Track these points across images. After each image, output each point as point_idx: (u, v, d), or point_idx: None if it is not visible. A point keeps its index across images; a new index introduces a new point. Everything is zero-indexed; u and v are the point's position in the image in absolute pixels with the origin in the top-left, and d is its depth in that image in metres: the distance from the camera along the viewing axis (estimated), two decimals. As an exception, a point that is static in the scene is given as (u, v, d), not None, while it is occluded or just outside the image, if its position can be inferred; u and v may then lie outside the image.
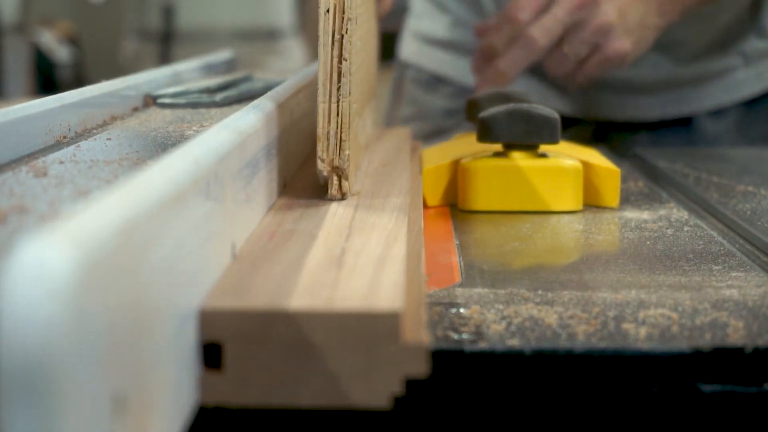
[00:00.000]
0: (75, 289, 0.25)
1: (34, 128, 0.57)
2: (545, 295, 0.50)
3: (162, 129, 0.65)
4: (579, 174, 0.71)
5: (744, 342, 0.44)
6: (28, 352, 0.24)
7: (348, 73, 0.56)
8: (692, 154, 0.96)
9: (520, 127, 0.70)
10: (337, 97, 0.56)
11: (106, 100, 0.70)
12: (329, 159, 0.56)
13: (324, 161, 0.56)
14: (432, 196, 0.73)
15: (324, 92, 0.56)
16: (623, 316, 0.47)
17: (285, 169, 0.61)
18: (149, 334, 0.32)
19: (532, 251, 0.61)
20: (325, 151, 0.56)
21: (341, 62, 0.55)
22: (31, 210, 0.41)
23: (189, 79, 0.90)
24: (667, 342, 0.44)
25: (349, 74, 0.56)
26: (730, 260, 0.58)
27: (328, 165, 0.56)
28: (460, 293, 0.51)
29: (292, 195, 0.59)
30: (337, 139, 0.56)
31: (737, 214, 0.68)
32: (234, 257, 0.45)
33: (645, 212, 0.71)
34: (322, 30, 0.55)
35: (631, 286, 0.52)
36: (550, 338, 0.44)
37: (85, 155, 0.55)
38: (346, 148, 0.56)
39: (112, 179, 0.48)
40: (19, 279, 0.24)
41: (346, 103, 0.56)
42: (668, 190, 0.80)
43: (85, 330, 0.26)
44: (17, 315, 0.24)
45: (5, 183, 0.47)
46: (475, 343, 0.44)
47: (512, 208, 0.70)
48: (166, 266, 0.33)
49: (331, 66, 0.56)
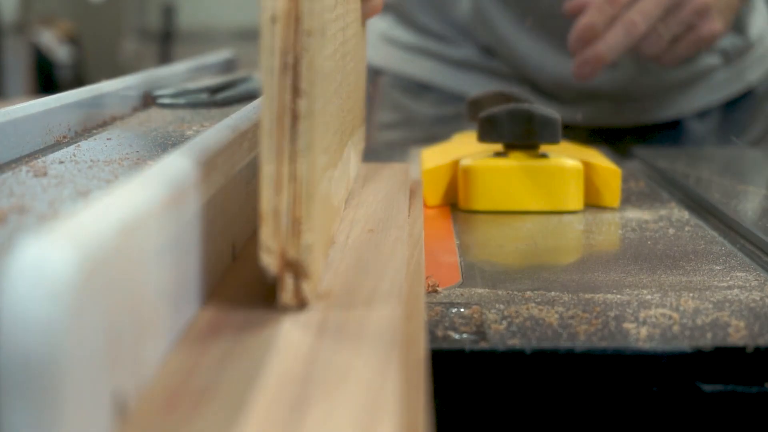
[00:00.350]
0: (75, 289, 0.25)
1: (34, 128, 0.57)
2: (546, 295, 0.50)
3: (162, 129, 0.65)
4: (580, 174, 0.71)
5: (745, 342, 0.44)
6: (27, 352, 0.24)
7: (309, 115, 0.37)
8: (693, 154, 0.96)
9: (521, 127, 0.70)
10: (291, 152, 0.37)
11: (106, 100, 0.70)
12: (279, 249, 0.37)
13: (271, 252, 0.37)
14: (432, 196, 0.73)
15: (270, 146, 0.37)
16: (624, 315, 0.47)
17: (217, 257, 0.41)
18: (149, 334, 0.32)
19: (533, 251, 0.61)
20: (272, 237, 0.37)
21: (297, 98, 0.37)
22: (31, 210, 0.41)
23: (189, 79, 0.90)
24: (668, 342, 0.44)
25: (310, 116, 0.37)
26: (731, 260, 0.58)
27: (278, 258, 0.37)
28: (460, 293, 0.51)
29: (225, 299, 0.39)
30: (292, 218, 0.38)
31: (738, 214, 0.68)
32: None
33: (646, 212, 0.71)
34: (266, 49, 0.37)
35: (632, 286, 0.52)
36: (551, 338, 0.44)
37: (85, 155, 0.54)
38: (306, 231, 0.38)
39: (112, 179, 0.48)
40: (19, 279, 0.24)
41: (307, 161, 0.37)
42: (669, 190, 0.80)
43: (85, 330, 0.26)
44: (17, 315, 0.24)
45: (5, 183, 0.47)
46: (476, 343, 0.44)
47: (513, 208, 0.70)
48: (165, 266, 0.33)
49: (280, 105, 0.37)
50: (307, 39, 0.37)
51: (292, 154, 0.37)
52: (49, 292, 0.24)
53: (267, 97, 0.37)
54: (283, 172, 0.37)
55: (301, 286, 0.38)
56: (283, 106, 0.37)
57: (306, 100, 0.37)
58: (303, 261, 0.38)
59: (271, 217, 0.37)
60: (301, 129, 0.37)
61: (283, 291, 0.38)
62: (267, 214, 0.37)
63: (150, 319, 0.32)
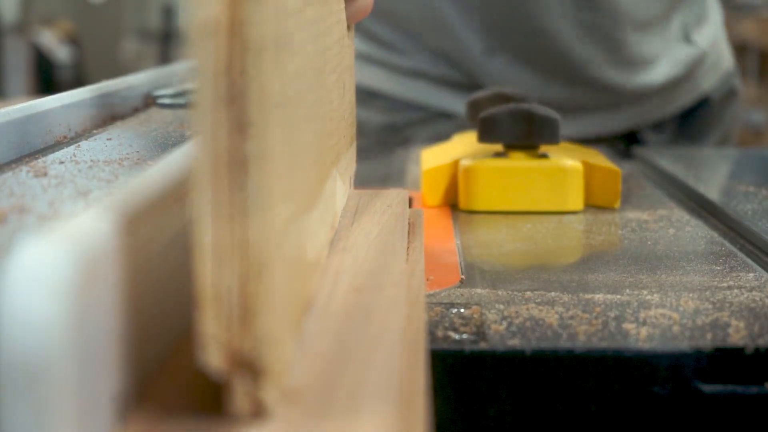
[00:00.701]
0: (74, 289, 0.25)
1: (34, 128, 0.57)
2: (546, 296, 0.50)
3: (162, 129, 0.65)
4: (580, 174, 0.71)
5: (745, 342, 0.44)
6: (27, 352, 0.24)
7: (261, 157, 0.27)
8: (693, 154, 0.96)
9: (521, 127, 0.70)
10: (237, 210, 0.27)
11: (106, 100, 0.70)
12: (226, 340, 0.28)
13: (215, 344, 0.28)
14: (432, 196, 0.73)
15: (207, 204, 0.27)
16: (624, 316, 0.47)
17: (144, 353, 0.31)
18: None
19: (533, 251, 0.61)
20: (215, 325, 0.28)
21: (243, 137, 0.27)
22: (31, 210, 0.41)
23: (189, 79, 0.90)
24: (668, 342, 0.44)
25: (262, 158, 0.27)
26: (731, 260, 0.58)
27: (225, 353, 0.28)
28: (460, 293, 0.51)
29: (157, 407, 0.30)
30: (242, 297, 0.28)
31: (738, 214, 0.68)
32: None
33: (646, 212, 0.71)
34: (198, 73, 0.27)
35: (631, 286, 0.52)
36: (550, 338, 0.44)
37: (85, 155, 0.54)
38: (262, 313, 0.28)
39: (112, 179, 0.48)
40: (19, 279, 0.24)
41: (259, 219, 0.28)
42: (669, 191, 0.80)
43: (85, 330, 0.26)
44: (17, 315, 0.24)
45: (5, 183, 0.47)
46: (475, 343, 0.44)
47: (513, 209, 0.70)
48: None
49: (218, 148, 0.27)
50: (255, 57, 0.27)
51: (238, 212, 0.27)
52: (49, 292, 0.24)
53: (201, 138, 0.27)
54: (227, 238, 0.27)
55: (257, 388, 0.28)
56: (222, 149, 0.27)
57: (256, 138, 0.27)
58: (259, 355, 0.28)
59: (211, 298, 0.27)
60: (251, 178, 0.27)
61: (233, 396, 0.28)
62: (207, 295, 0.27)
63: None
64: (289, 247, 0.32)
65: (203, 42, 0.27)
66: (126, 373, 0.29)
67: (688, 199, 0.77)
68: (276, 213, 0.29)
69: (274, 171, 0.29)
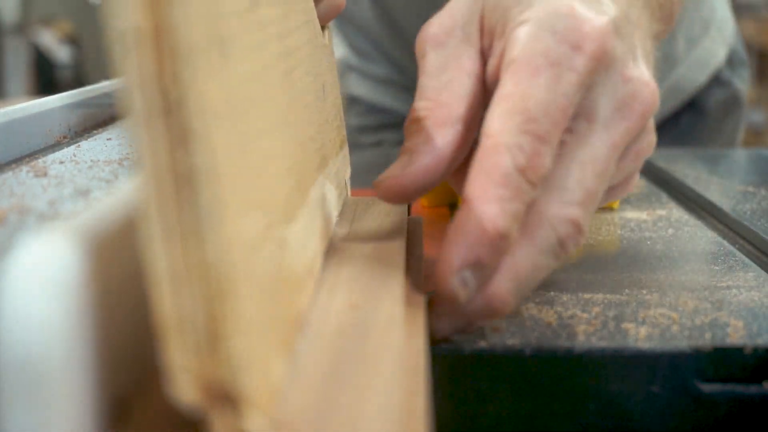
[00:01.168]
0: (75, 289, 0.25)
1: (34, 128, 0.57)
2: (545, 295, 0.50)
3: (162, 129, 0.65)
4: (579, 174, 0.71)
5: (744, 342, 0.44)
6: (27, 352, 0.24)
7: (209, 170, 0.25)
8: (692, 154, 0.96)
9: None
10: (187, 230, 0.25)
11: (106, 100, 0.70)
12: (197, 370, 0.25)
13: (187, 374, 0.25)
14: (431, 197, 0.73)
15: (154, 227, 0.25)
16: (623, 315, 0.47)
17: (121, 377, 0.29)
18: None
19: (532, 251, 0.61)
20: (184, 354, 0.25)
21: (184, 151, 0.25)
22: (31, 209, 0.41)
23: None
24: (667, 342, 0.44)
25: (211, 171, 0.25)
26: (730, 260, 0.58)
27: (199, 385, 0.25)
28: (460, 293, 0.51)
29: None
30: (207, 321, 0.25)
31: (737, 214, 0.68)
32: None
33: (645, 212, 0.71)
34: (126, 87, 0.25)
35: (631, 285, 0.52)
36: (550, 338, 0.44)
37: (85, 155, 0.55)
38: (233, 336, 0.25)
39: (112, 179, 0.48)
40: (20, 278, 0.24)
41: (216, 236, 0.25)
42: (668, 190, 0.80)
43: (86, 329, 0.26)
44: (17, 314, 0.24)
45: (5, 183, 0.47)
46: (474, 342, 0.44)
47: (512, 208, 0.70)
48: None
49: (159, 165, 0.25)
50: (186, 62, 0.25)
51: (190, 232, 0.25)
52: (49, 292, 0.24)
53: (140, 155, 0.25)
54: (180, 260, 0.25)
55: (238, 419, 0.25)
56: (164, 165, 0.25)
57: (201, 149, 0.25)
58: (235, 382, 0.25)
59: (174, 327, 0.25)
60: (200, 193, 0.25)
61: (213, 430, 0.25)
62: (169, 323, 0.25)
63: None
64: (264, 263, 0.30)
65: (127, 51, 0.25)
66: (126, 373, 0.29)
67: (687, 199, 0.77)
68: (238, 228, 0.27)
69: (229, 183, 0.27)
